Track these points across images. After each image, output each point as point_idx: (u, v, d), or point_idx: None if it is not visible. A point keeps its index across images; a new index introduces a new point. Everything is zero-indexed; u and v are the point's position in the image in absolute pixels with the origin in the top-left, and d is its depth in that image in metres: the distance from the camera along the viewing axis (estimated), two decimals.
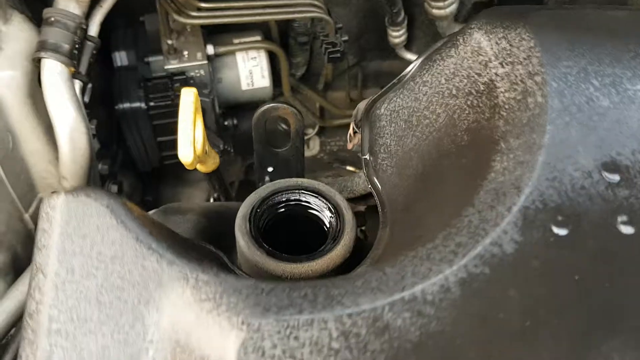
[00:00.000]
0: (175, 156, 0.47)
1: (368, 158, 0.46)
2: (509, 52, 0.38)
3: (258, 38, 0.80)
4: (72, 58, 0.54)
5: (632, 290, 0.31)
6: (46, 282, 0.33)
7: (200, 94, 0.71)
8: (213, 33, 0.79)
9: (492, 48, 0.39)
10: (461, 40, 0.41)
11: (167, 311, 0.32)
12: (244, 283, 0.32)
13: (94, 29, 0.58)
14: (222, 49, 0.77)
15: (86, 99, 0.59)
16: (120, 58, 0.73)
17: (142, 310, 0.32)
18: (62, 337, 0.32)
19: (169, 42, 0.72)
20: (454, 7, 0.78)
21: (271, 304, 0.31)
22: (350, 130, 0.50)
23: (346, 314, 0.30)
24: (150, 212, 0.53)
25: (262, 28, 0.82)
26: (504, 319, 0.30)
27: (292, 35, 0.83)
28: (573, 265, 0.31)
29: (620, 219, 0.32)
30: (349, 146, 0.51)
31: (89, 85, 0.59)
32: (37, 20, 0.55)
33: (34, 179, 0.58)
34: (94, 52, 0.57)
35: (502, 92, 0.38)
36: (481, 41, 0.40)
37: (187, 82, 0.73)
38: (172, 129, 0.69)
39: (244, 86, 0.80)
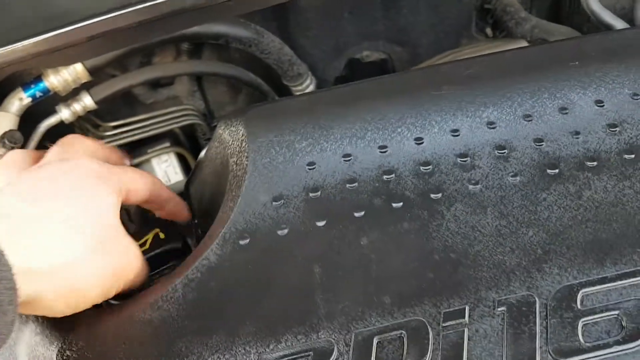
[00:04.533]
0: None
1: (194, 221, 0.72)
2: (233, 139, 0.64)
3: (167, 144, 1.08)
4: None
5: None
6: None
7: None
8: (133, 147, 1.07)
9: (228, 137, 0.65)
10: (215, 136, 0.67)
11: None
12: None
13: None
14: (137, 160, 1.05)
15: None
16: None
17: None
18: None
19: None
20: (312, 87, 1.04)
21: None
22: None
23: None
24: None
25: (171, 135, 1.10)
26: None
27: (198, 135, 1.11)
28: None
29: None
30: None
31: None
32: None
33: None
34: None
35: (232, 163, 0.63)
36: (221, 134, 0.65)
37: None
38: None
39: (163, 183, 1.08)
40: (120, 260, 0.57)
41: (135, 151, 1.08)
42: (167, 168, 1.10)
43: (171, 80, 1.06)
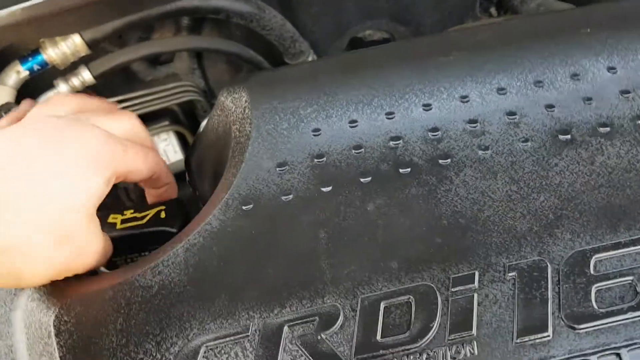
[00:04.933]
0: None
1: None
2: (236, 106, 0.63)
3: (166, 123, 1.07)
4: None
5: None
6: None
7: None
8: None
9: (231, 104, 0.63)
10: (217, 104, 0.65)
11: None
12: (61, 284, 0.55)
13: None
14: None
15: None
16: None
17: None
18: None
19: None
20: None
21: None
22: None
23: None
24: None
25: (170, 113, 1.09)
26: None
27: (198, 112, 1.09)
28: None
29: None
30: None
31: None
32: None
33: None
34: None
35: (234, 130, 0.62)
36: (223, 101, 0.64)
37: None
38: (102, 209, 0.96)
39: None
40: (77, 253, 0.53)
41: None
42: (166, 147, 1.09)
43: (170, 57, 1.05)
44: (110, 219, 0.63)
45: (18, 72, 0.84)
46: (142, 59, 0.95)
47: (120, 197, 1.00)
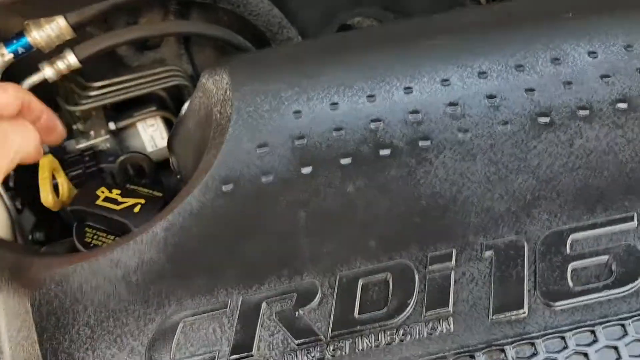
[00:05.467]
0: None
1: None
2: (217, 88, 0.63)
3: (153, 108, 1.07)
4: None
5: None
6: None
7: (106, 161, 0.98)
8: (118, 112, 1.06)
9: (212, 86, 0.64)
10: (199, 86, 0.66)
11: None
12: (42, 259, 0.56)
13: None
14: (122, 123, 1.03)
15: (11, 183, 0.86)
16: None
17: None
18: None
19: (75, 127, 0.99)
20: None
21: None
22: None
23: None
24: None
25: (157, 99, 1.09)
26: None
27: (184, 98, 1.09)
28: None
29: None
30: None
31: (12, 172, 0.86)
32: None
33: None
34: None
35: (215, 112, 0.62)
36: (205, 83, 0.64)
37: (95, 155, 0.99)
38: None
39: (149, 149, 1.06)
40: None
41: (120, 115, 1.07)
42: (153, 132, 1.09)
43: (158, 43, 1.04)
44: (99, 192, 0.65)
45: (2, 55, 0.84)
46: (129, 43, 0.95)
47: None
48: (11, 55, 0.84)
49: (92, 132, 1.01)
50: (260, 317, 0.48)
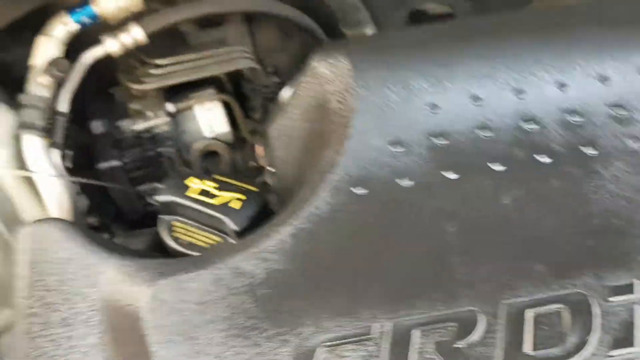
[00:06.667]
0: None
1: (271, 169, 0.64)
2: (334, 74, 0.56)
3: (212, 91, 0.99)
4: (46, 131, 0.74)
5: None
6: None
7: (165, 145, 0.91)
8: (175, 93, 0.98)
9: (327, 72, 0.57)
10: (308, 70, 0.58)
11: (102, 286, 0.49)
12: (151, 262, 0.49)
13: (63, 105, 0.78)
14: (180, 105, 0.96)
15: (67, 164, 0.79)
16: (96, 126, 0.93)
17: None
18: None
19: (133, 107, 0.92)
20: None
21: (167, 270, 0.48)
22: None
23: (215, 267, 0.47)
24: None
25: (216, 82, 1.01)
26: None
27: (244, 83, 1.02)
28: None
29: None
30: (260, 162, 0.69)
31: (70, 152, 0.79)
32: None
33: None
34: (65, 124, 0.77)
35: (334, 101, 0.55)
36: (317, 67, 0.57)
37: (153, 138, 0.92)
38: (147, 178, 0.89)
39: (207, 134, 0.99)
40: None
41: (176, 97, 1.00)
42: (210, 117, 1.02)
43: (220, 21, 0.97)
44: (188, 181, 0.59)
45: (65, 24, 0.76)
46: (197, 18, 0.88)
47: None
48: (77, 26, 0.76)
49: (149, 113, 0.93)
50: (412, 347, 0.41)
